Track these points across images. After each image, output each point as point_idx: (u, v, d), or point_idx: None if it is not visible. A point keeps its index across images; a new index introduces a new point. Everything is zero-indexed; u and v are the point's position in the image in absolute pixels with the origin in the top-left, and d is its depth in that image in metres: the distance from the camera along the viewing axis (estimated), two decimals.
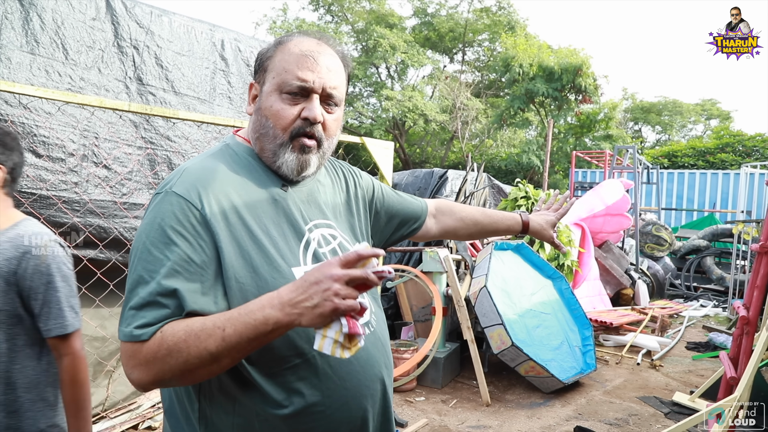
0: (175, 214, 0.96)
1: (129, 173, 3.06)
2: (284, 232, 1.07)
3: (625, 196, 7.50)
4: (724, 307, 8.30)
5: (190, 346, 0.87)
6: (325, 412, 1.03)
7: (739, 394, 2.63)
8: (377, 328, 1.19)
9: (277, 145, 1.08)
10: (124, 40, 3.15)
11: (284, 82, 1.06)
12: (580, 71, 16.81)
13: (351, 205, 1.30)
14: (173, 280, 0.92)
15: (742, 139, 19.67)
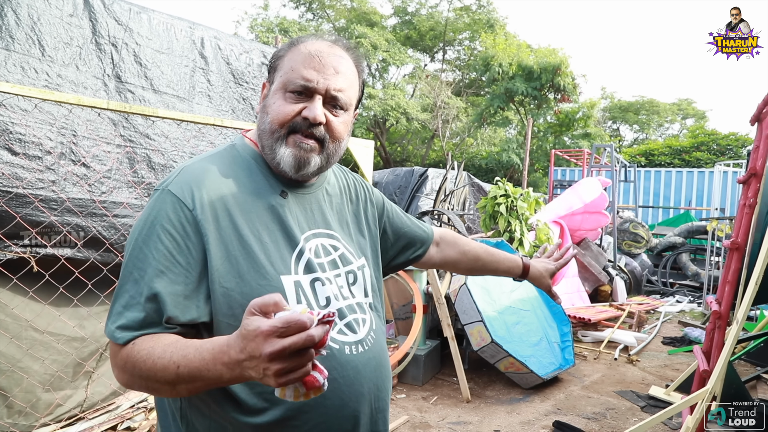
0: (167, 213, 0.97)
1: (108, 171, 3.03)
2: (277, 239, 1.05)
3: (603, 194, 7.62)
4: (699, 303, 8.48)
5: (149, 370, 0.87)
6: (301, 428, 1.00)
7: (711, 386, 2.70)
8: (373, 345, 1.14)
9: (274, 140, 1.06)
10: (103, 37, 3.11)
11: (289, 81, 1.05)
12: (559, 70, 17.02)
13: (360, 218, 1.28)
14: (157, 282, 0.92)
15: (716, 138, 20.09)
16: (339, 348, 1.06)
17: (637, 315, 6.49)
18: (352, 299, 1.14)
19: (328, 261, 1.11)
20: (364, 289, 1.19)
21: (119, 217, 3.02)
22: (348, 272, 1.15)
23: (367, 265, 1.22)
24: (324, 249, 1.12)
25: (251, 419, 0.98)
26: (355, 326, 1.11)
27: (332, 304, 1.08)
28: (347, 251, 1.17)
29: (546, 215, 6.71)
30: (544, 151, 19.55)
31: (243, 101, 3.81)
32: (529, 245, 5.61)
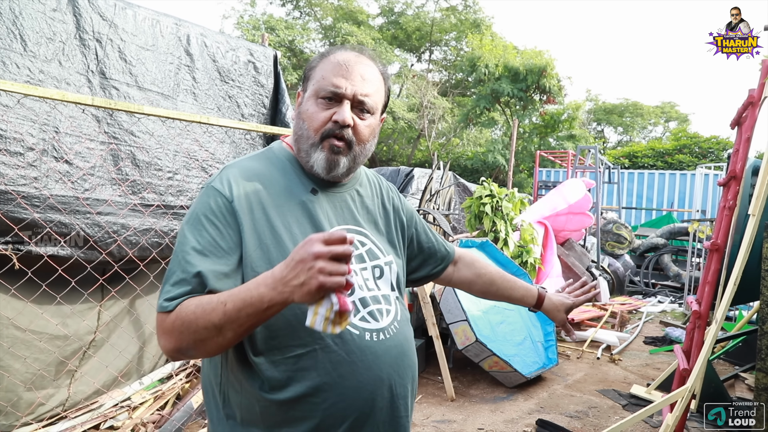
0: (209, 205, 1.10)
1: (91, 168, 3.00)
2: (306, 231, 1.15)
3: (587, 195, 7.69)
4: (680, 303, 8.60)
5: (199, 318, 0.97)
6: (319, 405, 1.08)
7: (691, 384, 2.75)
8: (396, 334, 1.21)
9: (309, 145, 1.17)
10: (87, 32, 3.08)
11: (320, 88, 1.16)
12: (544, 72, 17.14)
13: (390, 220, 1.37)
14: (201, 262, 1.03)
15: (698, 141, 20.38)
16: (359, 334, 1.13)
17: (619, 315, 6.57)
18: (377, 291, 1.22)
19: (356, 255, 1.20)
20: (391, 283, 1.27)
21: (103, 215, 2.99)
22: (375, 266, 1.24)
23: (393, 262, 1.29)
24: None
25: (274, 395, 1.08)
26: (378, 315, 1.19)
27: (356, 293, 1.16)
28: (375, 247, 1.26)
29: (531, 216, 6.75)
30: (529, 152, 19.69)
31: (229, 99, 3.79)
32: (513, 245, 5.65)
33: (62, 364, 3.07)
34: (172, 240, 3.29)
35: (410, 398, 1.25)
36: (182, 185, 3.41)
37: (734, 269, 2.72)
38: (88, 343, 3.25)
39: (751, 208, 2.67)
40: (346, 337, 1.11)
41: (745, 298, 3.68)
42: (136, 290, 3.38)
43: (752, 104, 3.26)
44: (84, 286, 2.97)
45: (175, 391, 3.48)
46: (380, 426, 1.16)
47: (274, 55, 4.16)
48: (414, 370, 1.26)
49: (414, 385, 1.27)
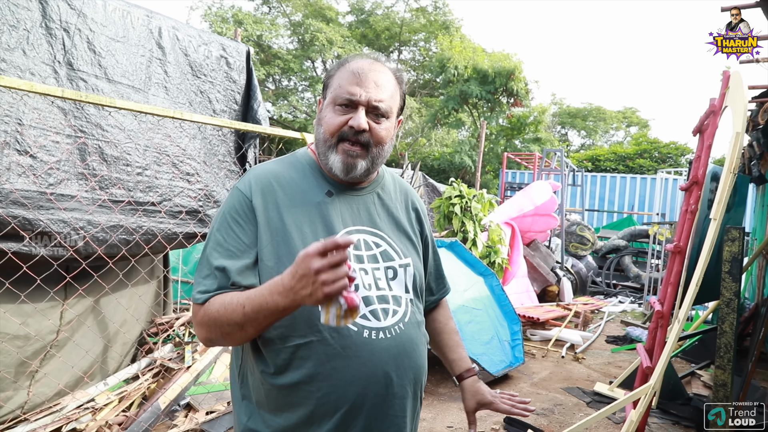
0: (233, 205, 1.22)
1: (57, 163, 2.91)
2: (317, 230, 1.22)
3: (552, 197, 7.86)
4: (639, 303, 8.87)
5: (222, 317, 1.10)
6: (313, 394, 1.16)
7: (653, 382, 2.84)
8: (400, 335, 1.24)
9: (326, 148, 1.25)
10: (53, 21, 2.98)
11: (337, 96, 1.23)
12: (512, 75, 17.40)
13: (414, 227, 1.42)
14: (225, 258, 1.17)
15: (658, 146, 21.02)
16: (357, 330, 1.18)
17: (582, 315, 6.72)
18: (387, 291, 1.26)
19: (369, 255, 1.26)
20: (405, 285, 1.31)
21: (68, 211, 2.90)
22: (388, 267, 1.28)
23: (411, 265, 1.34)
24: (366, 244, 1.27)
25: (275, 380, 1.18)
26: (381, 314, 1.23)
27: (360, 291, 1.20)
28: (391, 249, 1.31)
29: (498, 216, 6.86)
30: (495, 154, 19.95)
31: (201, 94, 3.73)
32: (482, 246, 5.72)
33: (23, 365, 2.97)
34: (142, 237, 3.21)
35: (410, 400, 1.26)
36: (152, 181, 3.33)
37: (696, 271, 2.82)
38: (50, 343, 3.15)
39: (713, 213, 2.78)
40: (342, 332, 1.17)
41: (702, 298, 3.82)
42: (102, 288, 3.30)
43: (714, 113, 3.39)
44: (46, 284, 2.88)
45: (141, 391, 3.40)
46: (373, 421, 1.19)
47: (246, 51, 4.11)
48: (418, 373, 1.28)
49: (418, 388, 1.30)
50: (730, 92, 3.21)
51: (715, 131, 3.43)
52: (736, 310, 2.81)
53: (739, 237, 2.83)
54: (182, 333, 4.11)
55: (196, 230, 3.55)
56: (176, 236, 3.43)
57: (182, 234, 3.45)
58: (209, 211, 3.68)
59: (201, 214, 3.59)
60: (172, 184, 3.47)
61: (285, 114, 22.61)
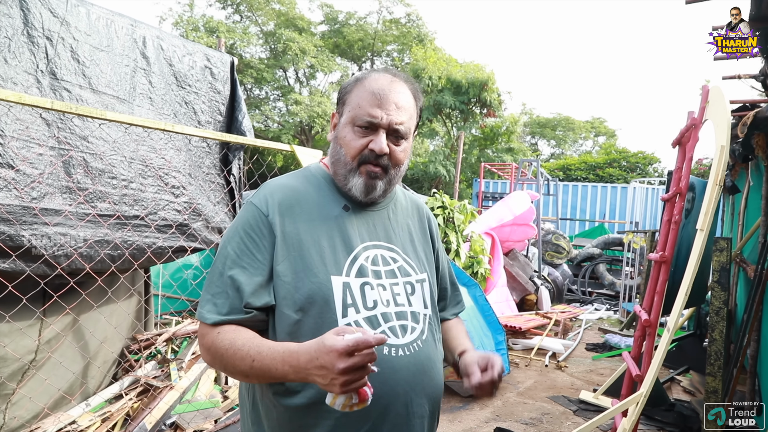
0: (248, 220, 1.19)
1: (40, 176, 2.81)
2: (335, 245, 1.20)
3: (531, 206, 7.96)
4: (615, 310, 9.02)
5: (229, 359, 1.08)
6: (331, 413, 1.10)
7: (645, 390, 2.88)
8: (418, 352, 1.21)
9: (347, 171, 1.23)
10: (36, 29, 2.89)
11: (357, 117, 1.21)
12: (485, 86, 17.63)
13: (427, 239, 1.42)
14: (239, 275, 1.14)
15: (626, 156, 21.54)
16: (377, 348, 1.11)
17: (562, 323, 6.80)
18: (407, 307, 1.24)
19: (387, 270, 1.25)
20: (423, 300, 1.29)
21: (53, 226, 2.80)
22: (406, 283, 1.27)
23: (427, 281, 1.33)
24: (383, 259, 1.26)
25: (288, 401, 1.14)
26: (400, 331, 1.20)
27: (378, 307, 1.19)
28: (407, 264, 1.30)
29: (478, 227, 6.91)
30: (468, 164, 20.14)
31: (185, 105, 3.66)
32: (465, 256, 5.75)
33: (2, 386, 2.84)
34: (129, 252, 3.13)
35: (428, 419, 1.24)
36: (138, 194, 3.25)
37: (684, 280, 2.87)
38: (28, 363, 3.03)
39: (699, 223, 2.84)
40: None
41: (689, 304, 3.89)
42: (82, 305, 3.19)
43: (695, 126, 3.48)
44: (35, 303, 2.77)
45: (124, 411, 3.29)
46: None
47: (231, 62, 4.06)
48: (435, 390, 1.25)
49: (435, 407, 1.27)
50: (710, 106, 3.30)
51: (696, 144, 3.52)
52: (725, 318, 2.87)
53: (727, 247, 2.90)
54: (164, 350, 4.00)
55: (185, 244, 3.47)
56: (166, 251, 3.35)
57: (172, 249, 3.37)
58: (195, 225, 3.60)
59: (190, 228, 3.51)
60: (158, 197, 3.39)
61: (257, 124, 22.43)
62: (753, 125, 3.28)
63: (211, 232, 3.74)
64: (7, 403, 2.97)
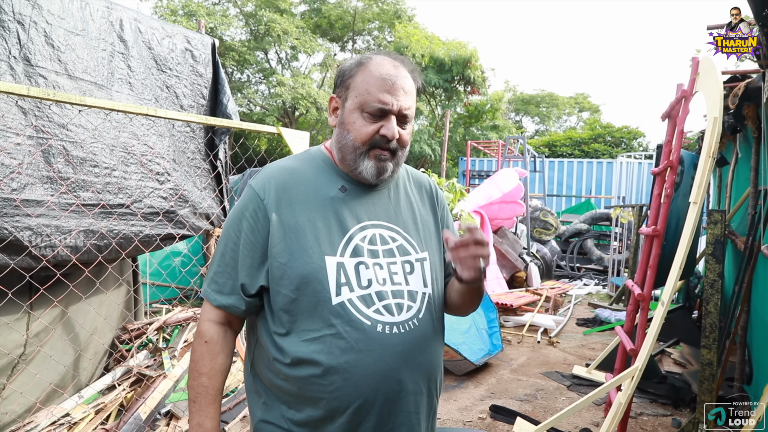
0: (247, 205, 1.25)
1: (19, 165, 2.72)
2: (330, 225, 1.23)
3: (519, 184, 7.95)
4: (604, 285, 9.10)
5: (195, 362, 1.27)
6: (326, 387, 1.16)
7: (640, 364, 2.90)
8: (414, 330, 1.23)
9: (357, 155, 1.25)
10: (5, 12, 2.77)
11: (366, 103, 1.22)
12: (469, 63, 17.51)
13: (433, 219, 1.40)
14: (235, 256, 1.23)
15: (611, 131, 21.60)
16: (371, 324, 1.18)
17: (553, 299, 6.85)
18: (404, 286, 1.25)
19: (385, 249, 1.26)
20: (423, 279, 1.29)
21: (35, 217, 2.72)
22: (405, 262, 1.28)
23: (428, 259, 1.32)
24: (382, 238, 1.27)
25: (291, 371, 1.19)
26: (395, 309, 1.22)
27: (372, 286, 1.21)
28: (407, 243, 1.30)
29: (467, 205, 6.89)
30: (454, 142, 20.08)
31: (167, 89, 3.56)
32: None
33: None
34: (116, 241, 3.05)
35: (424, 397, 1.26)
36: (121, 182, 3.17)
37: (678, 253, 2.87)
38: (18, 357, 2.97)
39: (692, 196, 2.83)
40: (356, 326, 1.17)
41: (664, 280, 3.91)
42: (69, 296, 3.12)
43: (685, 98, 3.46)
44: (22, 297, 2.70)
45: (118, 402, 3.25)
46: (386, 417, 1.19)
47: (212, 43, 3.95)
48: (432, 369, 1.28)
49: (433, 385, 1.29)
50: (700, 77, 3.28)
51: (686, 116, 3.51)
52: (719, 290, 2.88)
53: (721, 219, 2.90)
54: (156, 339, 3.95)
55: (172, 232, 3.40)
56: (153, 239, 3.28)
57: (159, 237, 3.30)
58: (182, 211, 3.53)
59: (177, 215, 3.44)
60: (142, 185, 3.31)
61: (240, 108, 22.12)
62: (744, 96, 3.27)
63: (198, 218, 3.67)
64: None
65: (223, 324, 1.27)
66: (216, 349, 1.25)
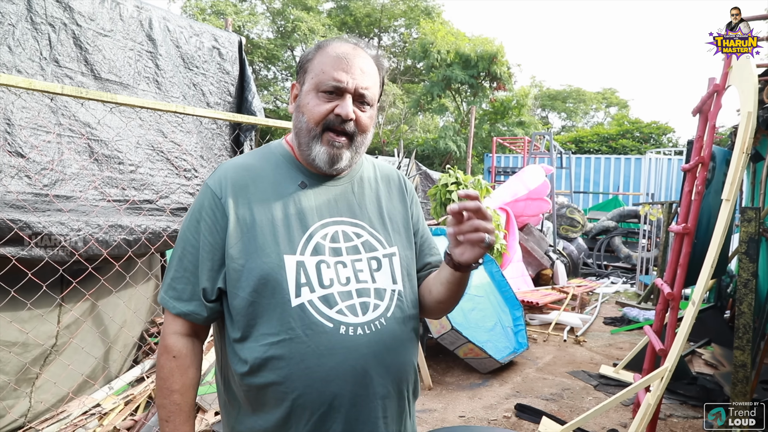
0: (203, 203, 1.18)
1: (50, 163, 2.79)
2: (289, 224, 1.17)
3: (545, 180, 7.85)
4: (632, 283, 8.94)
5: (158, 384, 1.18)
6: (288, 394, 1.11)
7: (669, 365, 2.83)
8: (382, 330, 1.16)
9: (310, 138, 1.18)
10: (39, 15, 2.84)
11: (321, 82, 1.16)
12: (495, 59, 17.35)
13: (402, 213, 1.33)
14: (194, 260, 1.16)
15: (639, 126, 21.17)
16: (333, 327, 1.12)
17: (579, 297, 6.75)
18: (370, 284, 1.19)
19: (348, 246, 1.20)
20: (392, 276, 1.23)
21: (66, 212, 2.78)
22: (371, 258, 1.21)
23: (397, 254, 1.26)
24: (345, 235, 1.21)
25: (250, 380, 1.13)
26: (359, 309, 1.16)
27: (333, 286, 1.15)
28: (373, 239, 1.24)
29: (492, 202, 6.83)
30: (479, 138, 19.94)
31: (194, 87, 3.61)
32: None
33: (23, 372, 2.86)
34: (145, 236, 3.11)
35: (394, 400, 1.19)
36: (147, 179, 3.22)
37: (709, 251, 2.80)
38: (50, 348, 3.05)
39: (725, 193, 2.76)
40: (317, 329, 1.11)
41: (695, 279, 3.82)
42: (100, 290, 3.19)
43: (717, 92, 3.37)
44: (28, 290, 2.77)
45: (146, 393, 3.32)
46: (353, 424, 1.13)
47: (238, 41, 3.99)
48: (402, 370, 1.20)
49: (404, 387, 1.21)
50: (733, 71, 3.18)
51: (718, 111, 3.41)
52: (753, 290, 2.81)
53: (755, 217, 2.82)
54: None
55: None
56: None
57: None
58: None
59: None
60: (169, 181, 3.36)
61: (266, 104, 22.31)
62: None
63: None
64: (32, 388, 3.00)
65: (189, 335, 1.19)
66: (186, 363, 1.17)
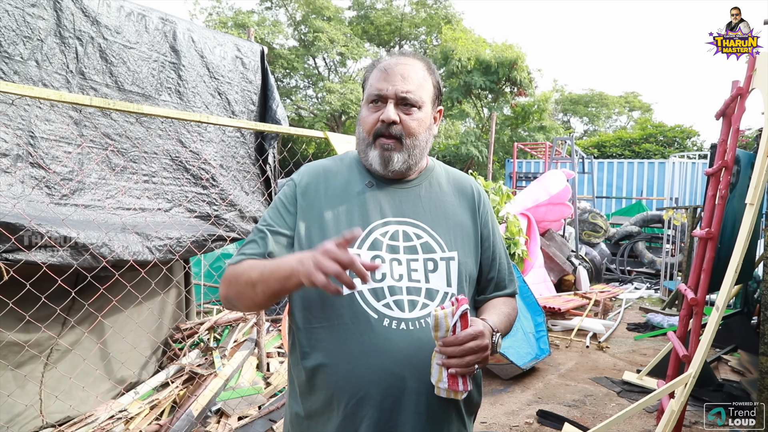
0: (285, 191, 1.36)
1: (70, 173, 2.87)
2: (353, 218, 1.27)
3: (567, 185, 7.80)
4: (656, 289, 8.80)
5: (243, 274, 1.20)
6: (331, 377, 1.20)
7: (693, 370, 2.80)
8: (422, 329, 1.20)
9: (365, 145, 1.32)
10: (67, 29, 2.93)
11: (369, 95, 1.31)
12: (515, 65, 17.27)
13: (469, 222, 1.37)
14: (267, 229, 1.30)
15: (663, 130, 20.86)
16: (378, 318, 1.19)
17: (602, 303, 6.67)
18: (423, 283, 1.24)
19: (407, 246, 1.27)
20: (447, 279, 1.27)
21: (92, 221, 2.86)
22: (428, 259, 1.27)
23: (455, 259, 1.30)
24: (405, 235, 1.28)
25: (304, 362, 1.24)
26: (407, 306, 1.21)
27: (385, 280, 1.22)
28: (433, 241, 1.29)
29: (513, 207, 6.80)
30: (500, 144, 19.85)
31: (219, 96, 3.68)
32: None
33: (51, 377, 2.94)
34: (170, 245, 3.18)
35: (428, 396, 1.18)
36: (167, 188, 3.30)
37: (733, 256, 2.76)
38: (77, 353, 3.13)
39: (749, 198, 2.72)
40: (362, 318, 1.19)
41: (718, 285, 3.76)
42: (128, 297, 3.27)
43: (741, 96, 3.32)
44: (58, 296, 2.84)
45: (171, 398, 3.38)
46: (388, 414, 1.17)
47: (261, 51, 4.06)
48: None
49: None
50: (757, 74, 3.14)
51: (742, 114, 3.37)
52: None
53: None
54: (207, 338, 4.08)
55: (223, 234, 3.51)
56: (203, 243, 3.39)
57: (212, 238, 3.41)
58: (229, 215, 3.64)
59: (225, 220, 3.55)
60: (191, 190, 3.43)
61: (289, 113, 22.55)
62: None
63: (247, 222, 3.77)
64: (60, 392, 3.08)
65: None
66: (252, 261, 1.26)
